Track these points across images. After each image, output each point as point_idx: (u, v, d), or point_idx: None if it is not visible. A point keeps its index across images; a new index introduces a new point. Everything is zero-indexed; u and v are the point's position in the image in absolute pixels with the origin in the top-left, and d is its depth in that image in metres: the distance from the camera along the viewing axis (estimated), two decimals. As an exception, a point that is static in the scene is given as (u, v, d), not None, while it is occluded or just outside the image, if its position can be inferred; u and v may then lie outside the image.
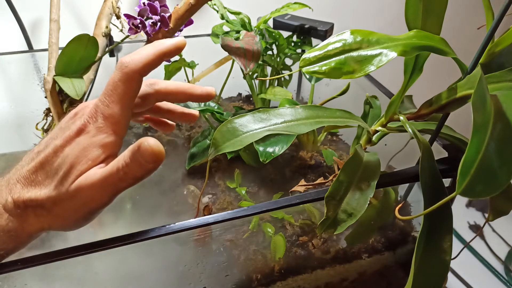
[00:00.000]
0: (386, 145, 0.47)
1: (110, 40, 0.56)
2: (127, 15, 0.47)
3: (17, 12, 0.65)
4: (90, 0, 0.63)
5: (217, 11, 0.58)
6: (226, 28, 0.60)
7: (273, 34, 0.60)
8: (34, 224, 0.29)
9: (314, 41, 0.66)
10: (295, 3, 0.60)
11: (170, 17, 0.47)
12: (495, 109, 0.26)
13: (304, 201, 0.36)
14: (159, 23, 0.47)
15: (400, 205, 0.34)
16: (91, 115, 0.29)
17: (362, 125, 0.40)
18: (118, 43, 0.54)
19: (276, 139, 0.46)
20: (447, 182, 0.39)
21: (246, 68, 0.49)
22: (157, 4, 0.46)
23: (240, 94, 0.78)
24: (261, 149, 0.45)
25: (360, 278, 0.49)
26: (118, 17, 0.54)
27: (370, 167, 0.36)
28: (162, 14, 0.47)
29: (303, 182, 0.49)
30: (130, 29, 0.47)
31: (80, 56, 0.48)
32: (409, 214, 0.50)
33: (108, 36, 0.54)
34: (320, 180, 0.48)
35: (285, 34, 0.64)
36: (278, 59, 0.64)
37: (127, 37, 0.49)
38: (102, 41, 0.52)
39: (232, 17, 0.60)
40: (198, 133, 0.62)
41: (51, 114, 0.53)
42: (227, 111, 0.57)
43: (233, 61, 0.61)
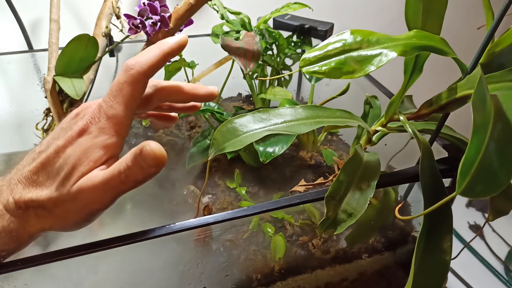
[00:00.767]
0: (386, 145, 0.47)
1: (110, 40, 0.56)
2: (127, 15, 0.47)
3: (17, 12, 0.65)
4: (90, 0, 0.63)
5: (217, 11, 0.58)
6: (226, 28, 0.60)
7: (273, 34, 0.60)
8: (35, 225, 0.29)
9: (314, 41, 0.66)
10: (295, 3, 0.60)
11: (170, 17, 0.47)
12: (495, 109, 0.26)
13: (304, 201, 0.36)
14: (159, 23, 0.47)
15: (400, 205, 0.34)
16: (94, 115, 0.29)
17: (362, 125, 0.40)
18: (118, 43, 0.54)
19: (276, 139, 0.46)
20: (447, 182, 0.39)
21: (246, 68, 0.49)
22: (157, 4, 0.46)
23: (240, 94, 0.78)
24: (261, 149, 0.45)
25: (360, 278, 0.49)
26: (118, 17, 0.54)
27: (370, 167, 0.36)
28: (162, 14, 0.47)
29: (303, 182, 0.49)
30: (130, 29, 0.47)
31: (80, 56, 0.48)
32: (409, 214, 0.50)
33: (108, 36, 0.54)
34: (320, 180, 0.48)
35: (285, 34, 0.64)
36: (278, 59, 0.64)
37: (127, 37, 0.49)
38: (102, 41, 0.52)
39: (232, 17, 0.60)
40: (198, 133, 0.62)
41: (51, 114, 0.53)
42: (227, 111, 0.57)
43: (233, 61, 0.61)
